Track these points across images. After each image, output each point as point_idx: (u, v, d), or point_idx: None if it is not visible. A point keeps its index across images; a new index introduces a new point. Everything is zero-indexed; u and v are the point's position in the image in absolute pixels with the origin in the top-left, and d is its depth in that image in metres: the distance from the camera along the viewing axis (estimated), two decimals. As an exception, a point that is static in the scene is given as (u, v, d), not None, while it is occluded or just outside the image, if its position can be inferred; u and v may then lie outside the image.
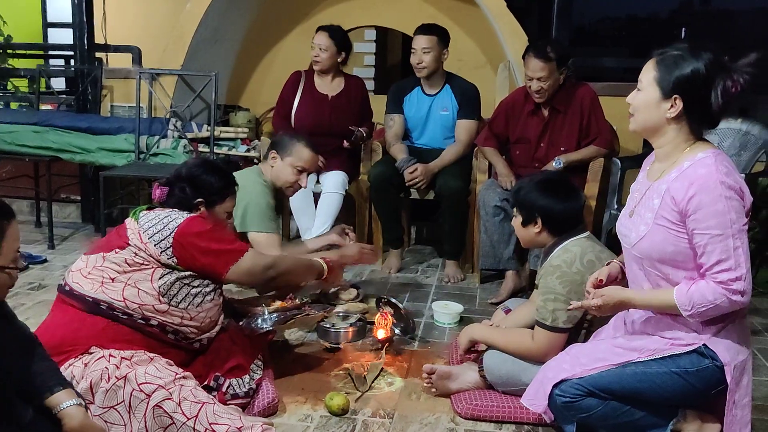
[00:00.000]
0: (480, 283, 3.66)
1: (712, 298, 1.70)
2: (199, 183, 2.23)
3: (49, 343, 1.90)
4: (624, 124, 4.28)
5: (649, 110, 1.81)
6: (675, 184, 1.76)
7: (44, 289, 3.35)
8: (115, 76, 4.72)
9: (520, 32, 4.26)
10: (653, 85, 1.79)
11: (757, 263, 3.55)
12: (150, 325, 2.00)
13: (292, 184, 2.97)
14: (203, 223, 2.12)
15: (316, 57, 3.87)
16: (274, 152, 2.97)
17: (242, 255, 2.12)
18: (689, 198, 1.71)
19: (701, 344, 1.81)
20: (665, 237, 1.78)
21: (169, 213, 2.13)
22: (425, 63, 3.70)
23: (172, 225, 2.06)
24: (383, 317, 2.78)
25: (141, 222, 2.08)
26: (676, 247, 1.77)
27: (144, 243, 2.03)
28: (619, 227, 1.98)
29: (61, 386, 1.56)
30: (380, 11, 5.04)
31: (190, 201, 2.20)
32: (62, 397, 1.55)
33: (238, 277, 2.16)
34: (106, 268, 2.01)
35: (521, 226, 2.32)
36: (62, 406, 1.54)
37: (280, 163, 2.95)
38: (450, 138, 3.85)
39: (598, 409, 1.86)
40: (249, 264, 2.14)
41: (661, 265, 1.82)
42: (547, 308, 2.16)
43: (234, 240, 2.18)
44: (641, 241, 1.83)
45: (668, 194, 1.77)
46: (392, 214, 3.80)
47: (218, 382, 2.12)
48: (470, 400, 2.24)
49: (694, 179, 1.72)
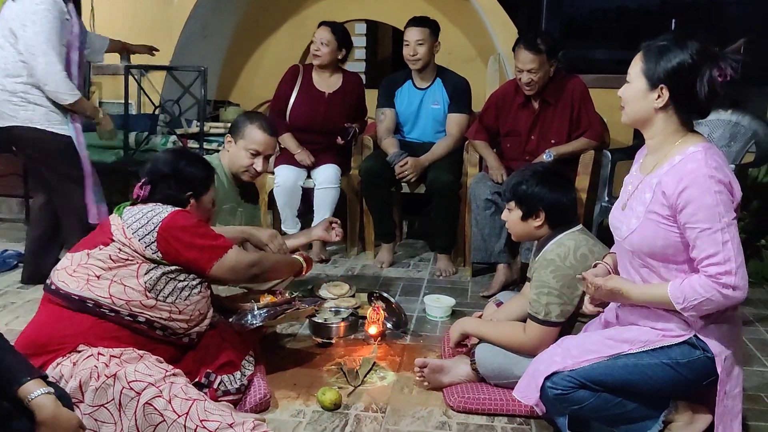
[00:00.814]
0: (471, 276, 3.66)
1: (703, 292, 1.70)
2: (184, 176, 2.20)
3: (36, 342, 1.90)
4: (614, 116, 4.27)
5: (637, 101, 1.82)
6: (666, 179, 1.76)
7: (33, 287, 3.33)
8: (104, 73, 4.69)
9: (510, 25, 4.26)
10: (640, 76, 1.80)
11: (747, 254, 3.55)
12: (137, 322, 1.99)
13: (247, 168, 2.78)
14: (188, 217, 2.10)
15: (317, 51, 3.85)
16: (229, 136, 2.82)
17: (226, 251, 2.10)
18: (679, 192, 1.72)
19: (692, 335, 1.81)
20: (656, 231, 1.78)
21: (153, 207, 2.10)
22: (419, 55, 3.69)
23: (156, 219, 2.03)
24: (375, 312, 2.78)
25: (125, 217, 2.06)
26: (666, 241, 1.77)
27: (128, 238, 2.01)
28: (612, 220, 1.98)
29: (28, 377, 1.54)
30: (371, 5, 5.03)
31: (179, 196, 2.17)
32: (31, 387, 1.52)
33: (222, 274, 2.12)
34: (91, 265, 1.99)
35: (520, 220, 2.28)
36: (31, 396, 1.52)
37: (234, 147, 2.79)
38: (441, 132, 3.84)
39: (590, 401, 1.86)
40: (233, 261, 2.12)
41: (650, 259, 1.82)
42: (540, 302, 2.15)
43: (218, 236, 2.14)
44: (632, 235, 1.83)
45: (659, 188, 1.77)
46: (384, 209, 3.80)
47: (209, 378, 2.11)
48: (462, 393, 2.24)
49: (684, 174, 1.72)
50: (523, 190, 2.25)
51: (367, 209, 3.85)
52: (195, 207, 2.23)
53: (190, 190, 2.20)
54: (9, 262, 3.65)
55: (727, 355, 1.81)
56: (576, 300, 2.14)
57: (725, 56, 1.74)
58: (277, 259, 2.45)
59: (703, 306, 1.73)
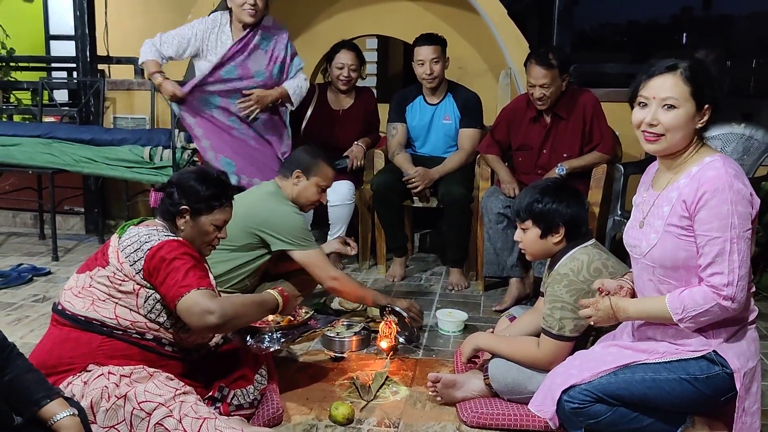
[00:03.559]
0: (484, 290, 3.65)
1: (703, 302, 1.70)
2: (187, 189, 2.11)
3: (46, 363, 1.90)
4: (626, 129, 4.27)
5: (687, 126, 1.78)
6: (686, 190, 1.77)
7: (48, 301, 3.35)
8: (118, 88, 4.74)
9: (521, 39, 4.27)
10: (689, 99, 1.76)
11: (761, 267, 3.53)
12: (146, 339, 1.98)
13: (314, 202, 2.94)
14: (174, 248, 1.96)
15: (347, 77, 3.90)
16: (299, 171, 2.87)
17: (188, 291, 1.90)
18: (699, 198, 1.72)
19: (711, 350, 1.80)
20: (676, 243, 1.78)
21: (149, 232, 2.01)
22: (436, 73, 3.71)
23: (146, 246, 1.96)
24: (387, 326, 2.77)
25: (122, 239, 2.01)
26: (688, 252, 1.77)
27: (120, 262, 1.96)
28: (628, 239, 1.97)
29: (48, 398, 1.56)
30: (382, 20, 5.06)
31: (175, 207, 2.10)
32: (55, 408, 1.55)
33: (181, 315, 1.93)
34: (94, 288, 1.97)
35: (539, 238, 2.26)
36: (56, 418, 1.53)
37: (305, 182, 2.87)
38: (453, 147, 3.85)
39: (607, 415, 1.85)
40: (189, 303, 1.90)
41: (674, 273, 1.81)
42: (553, 316, 2.15)
43: (193, 275, 1.93)
44: (653, 250, 1.83)
45: (680, 199, 1.77)
46: (395, 223, 3.80)
47: (223, 392, 2.11)
48: (475, 409, 2.23)
49: (704, 181, 1.73)
50: (539, 208, 2.23)
51: (378, 223, 3.85)
52: (190, 225, 2.11)
53: (187, 204, 2.10)
54: (24, 276, 3.67)
55: (747, 371, 1.79)
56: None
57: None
58: (241, 304, 2.06)
59: (701, 317, 1.72)
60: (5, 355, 1.61)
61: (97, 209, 4.66)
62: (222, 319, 1.90)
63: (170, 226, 2.11)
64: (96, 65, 4.79)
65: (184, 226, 2.11)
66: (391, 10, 5.02)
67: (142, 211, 4.68)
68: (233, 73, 3.39)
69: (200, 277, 1.95)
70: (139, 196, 4.54)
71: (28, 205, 4.68)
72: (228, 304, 1.95)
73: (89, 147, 4.19)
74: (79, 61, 4.73)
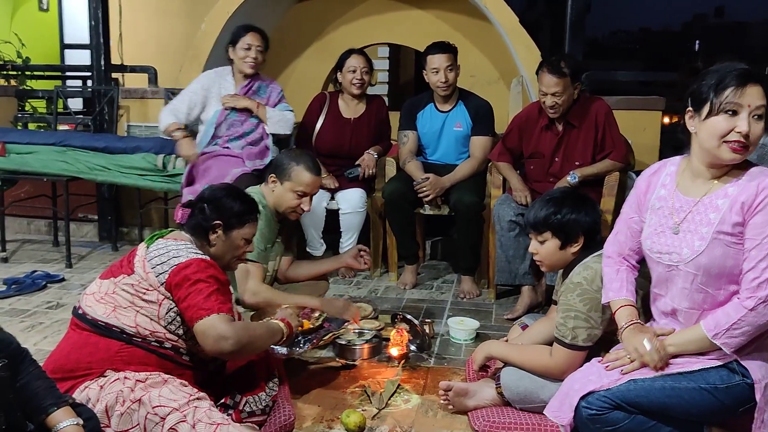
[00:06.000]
0: (496, 298, 3.64)
1: (734, 314, 1.68)
2: (219, 205, 2.16)
3: (64, 367, 1.91)
4: (638, 137, 4.25)
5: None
6: (743, 195, 1.75)
7: (62, 308, 3.37)
8: (132, 96, 4.78)
9: (533, 47, 4.27)
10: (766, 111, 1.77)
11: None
12: (164, 348, 1.99)
13: (294, 209, 2.80)
14: (201, 270, 1.97)
15: (360, 80, 3.92)
16: (273, 175, 2.79)
17: (207, 315, 1.91)
18: (759, 202, 1.72)
19: (732, 360, 1.78)
20: (725, 251, 1.77)
21: (179, 247, 2.02)
22: (450, 80, 3.72)
23: (173, 261, 1.98)
24: (399, 334, 2.77)
25: (150, 249, 2.03)
26: (736, 261, 1.77)
27: (146, 272, 1.98)
28: (657, 246, 1.92)
29: (55, 406, 1.57)
30: (393, 28, 5.08)
31: (208, 222, 2.14)
32: (59, 416, 1.56)
33: (197, 337, 1.94)
34: (117, 295, 1.99)
35: (558, 249, 2.25)
36: (59, 426, 1.55)
37: (280, 188, 2.78)
38: (464, 154, 3.85)
39: (625, 423, 1.83)
40: (207, 326, 1.90)
41: (717, 281, 1.80)
42: (567, 326, 2.13)
43: (215, 299, 1.94)
44: (700, 257, 1.80)
45: (734, 205, 1.76)
46: (407, 230, 3.80)
47: (235, 399, 2.11)
48: (487, 417, 2.22)
49: (763, 186, 1.73)
50: (558, 219, 2.22)
51: (390, 231, 3.85)
52: (222, 240, 2.16)
53: (220, 219, 2.15)
54: (38, 282, 3.70)
55: (767, 383, 1.77)
56: (603, 323, 2.12)
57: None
58: (260, 334, 2.11)
59: (735, 329, 1.70)
60: (19, 361, 1.62)
61: (110, 217, 4.69)
62: (236, 346, 1.92)
63: (198, 242, 2.13)
64: (110, 74, 4.83)
65: (216, 240, 2.15)
66: (402, 18, 5.04)
67: (155, 219, 4.71)
68: (235, 115, 3.78)
69: (221, 302, 1.95)
70: (152, 203, 4.57)
71: (42, 212, 4.72)
72: (243, 332, 1.97)
73: (103, 155, 4.22)
74: (93, 70, 4.78)
